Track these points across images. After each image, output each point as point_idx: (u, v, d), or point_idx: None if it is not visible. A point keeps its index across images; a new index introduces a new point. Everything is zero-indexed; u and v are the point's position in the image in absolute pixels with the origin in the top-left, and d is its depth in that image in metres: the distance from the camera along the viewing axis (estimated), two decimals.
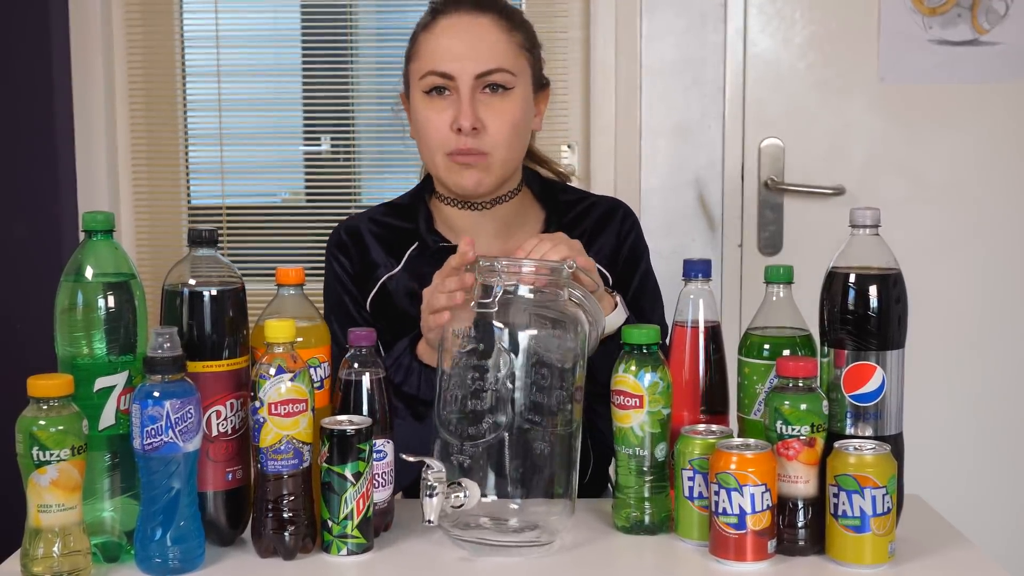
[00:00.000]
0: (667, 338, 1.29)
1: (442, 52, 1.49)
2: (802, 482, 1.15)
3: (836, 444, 1.15)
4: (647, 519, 1.23)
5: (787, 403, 1.15)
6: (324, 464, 1.15)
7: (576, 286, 1.27)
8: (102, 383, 1.13)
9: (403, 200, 1.65)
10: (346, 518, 1.15)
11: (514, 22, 1.53)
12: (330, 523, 1.15)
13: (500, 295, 1.20)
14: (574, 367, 1.21)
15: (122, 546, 1.15)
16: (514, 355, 1.19)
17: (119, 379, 1.14)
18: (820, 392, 1.17)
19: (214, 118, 2.71)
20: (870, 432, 1.18)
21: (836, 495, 1.13)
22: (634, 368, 1.20)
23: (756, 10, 2.52)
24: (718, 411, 1.27)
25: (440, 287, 1.29)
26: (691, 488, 1.19)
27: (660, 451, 1.22)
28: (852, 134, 2.54)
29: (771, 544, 1.14)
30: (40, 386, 1.05)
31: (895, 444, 1.18)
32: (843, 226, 1.21)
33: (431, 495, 1.12)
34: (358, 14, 2.74)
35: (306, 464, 1.15)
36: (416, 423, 1.37)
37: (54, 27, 2.54)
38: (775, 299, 1.27)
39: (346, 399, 1.21)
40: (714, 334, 1.27)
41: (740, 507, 1.12)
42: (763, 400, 1.23)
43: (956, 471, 2.53)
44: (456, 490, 1.14)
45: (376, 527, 1.20)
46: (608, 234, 1.60)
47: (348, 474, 1.14)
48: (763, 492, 1.12)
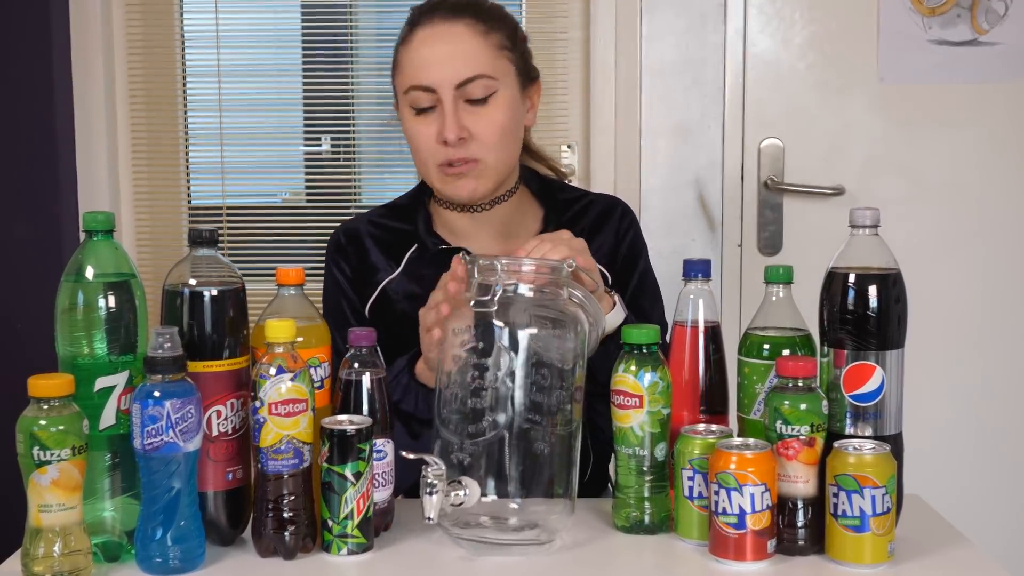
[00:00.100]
0: (667, 336, 1.29)
1: (420, 65, 1.48)
2: (802, 482, 1.15)
3: (836, 444, 1.15)
4: (647, 519, 1.23)
5: (787, 403, 1.15)
6: (324, 464, 1.15)
7: (576, 286, 1.26)
8: (103, 383, 1.13)
9: (403, 201, 1.65)
10: (346, 518, 1.15)
11: (491, 23, 1.50)
12: (330, 523, 1.15)
13: (500, 294, 1.20)
14: (574, 367, 1.21)
15: (123, 546, 1.15)
16: (514, 353, 1.19)
17: (120, 379, 1.14)
18: (820, 392, 1.17)
19: (214, 118, 2.71)
20: (870, 432, 1.18)
21: (836, 495, 1.13)
22: (634, 368, 1.20)
23: (756, 10, 2.52)
24: (718, 411, 1.27)
25: (428, 303, 1.30)
26: (691, 488, 1.19)
27: (660, 451, 1.22)
28: (852, 134, 2.54)
29: (771, 544, 1.14)
30: (41, 386, 1.05)
31: (895, 444, 1.18)
32: (843, 226, 1.21)
33: (431, 493, 1.12)
34: (358, 14, 2.73)
35: (306, 464, 1.16)
36: (412, 441, 1.37)
37: (54, 27, 2.54)
38: (775, 299, 1.27)
39: (346, 399, 1.21)
40: (714, 334, 1.27)
41: (740, 507, 1.12)
42: (763, 400, 1.23)
43: (956, 471, 2.53)
44: (456, 488, 1.14)
45: (376, 527, 1.20)
46: (607, 232, 1.60)
47: (348, 474, 1.14)
48: (763, 492, 1.12)
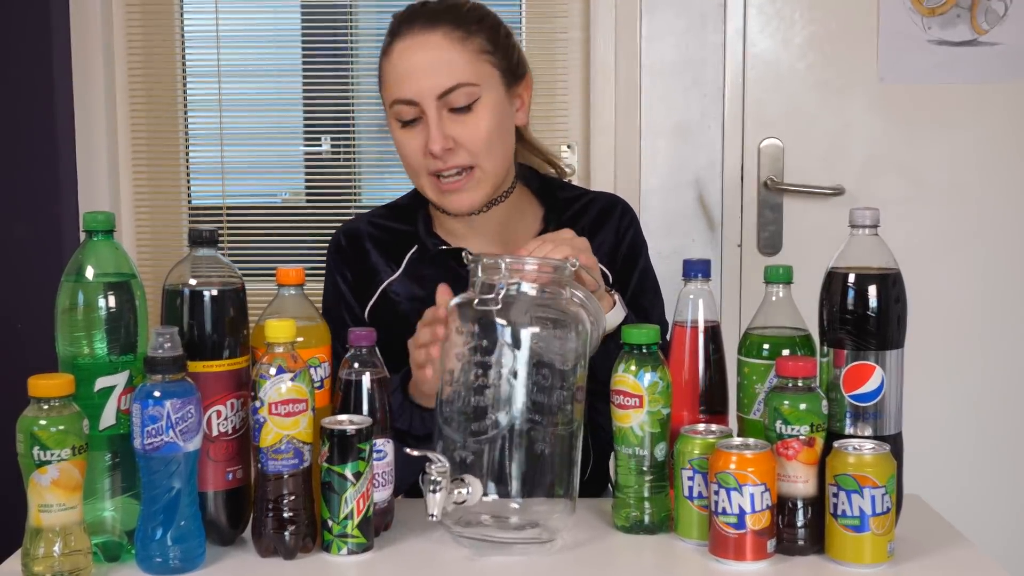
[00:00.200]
0: (667, 334, 1.29)
1: (401, 78, 1.46)
2: (801, 482, 1.15)
3: (835, 444, 1.15)
4: (647, 519, 1.23)
5: (786, 403, 1.15)
6: (324, 464, 1.15)
7: (577, 286, 1.26)
8: (103, 383, 1.13)
9: (403, 201, 1.64)
10: (346, 518, 1.15)
11: (469, 27, 1.47)
12: (330, 523, 1.15)
13: (503, 293, 1.20)
14: (575, 367, 1.21)
15: (123, 545, 1.15)
16: (517, 351, 1.19)
17: (120, 379, 1.14)
18: (819, 392, 1.17)
19: (214, 118, 2.71)
20: (869, 432, 1.18)
21: (835, 495, 1.13)
22: (634, 368, 1.20)
23: (756, 10, 2.52)
24: (718, 411, 1.27)
25: (416, 339, 1.31)
26: (691, 488, 1.19)
27: (660, 451, 1.22)
28: (852, 134, 2.54)
29: (771, 544, 1.14)
30: (41, 386, 1.05)
31: (894, 444, 1.18)
32: (842, 226, 1.22)
33: (435, 491, 1.12)
34: (358, 14, 2.73)
35: (306, 464, 1.16)
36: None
37: (54, 27, 2.54)
38: (775, 299, 1.27)
39: (346, 399, 1.21)
40: (714, 334, 1.27)
41: (740, 507, 1.12)
42: (763, 400, 1.23)
43: (956, 471, 2.52)
44: (459, 486, 1.15)
45: (376, 527, 1.20)
46: (607, 230, 1.59)
47: (348, 474, 1.14)
48: (763, 492, 1.12)
